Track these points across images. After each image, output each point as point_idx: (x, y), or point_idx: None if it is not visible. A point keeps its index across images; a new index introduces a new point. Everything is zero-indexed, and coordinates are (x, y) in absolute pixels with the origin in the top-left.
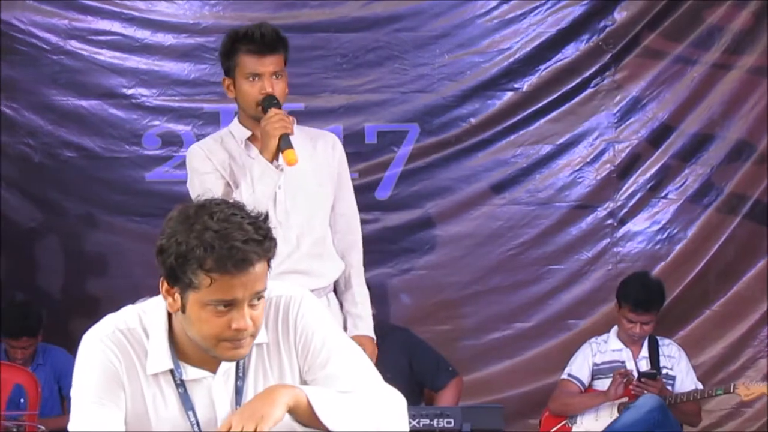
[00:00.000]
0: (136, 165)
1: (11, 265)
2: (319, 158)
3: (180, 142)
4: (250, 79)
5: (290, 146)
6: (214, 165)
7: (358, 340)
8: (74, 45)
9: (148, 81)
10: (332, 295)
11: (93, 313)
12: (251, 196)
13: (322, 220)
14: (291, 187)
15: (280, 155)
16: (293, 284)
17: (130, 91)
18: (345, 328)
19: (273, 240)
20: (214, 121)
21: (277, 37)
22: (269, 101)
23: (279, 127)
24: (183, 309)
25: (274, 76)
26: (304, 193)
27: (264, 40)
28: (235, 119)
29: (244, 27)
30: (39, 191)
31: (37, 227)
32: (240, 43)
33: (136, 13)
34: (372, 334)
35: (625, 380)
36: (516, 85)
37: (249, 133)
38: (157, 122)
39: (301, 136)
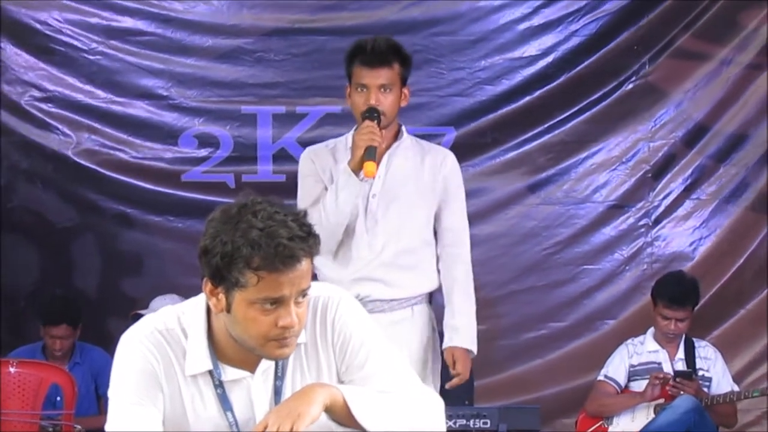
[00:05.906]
0: (173, 165)
1: (48, 264)
2: (425, 172)
3: (217, 144)
4: (359, 89)
5: (372, 159)
6: (316, 169)
7: (453, 351)
8: (111, 45)
9: (186, 82)
10: (420, 307)
11: (129, 312)
12: (334, 203)
13: (413, 232)
14: (387, 196)
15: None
16: (332, 287)
17: (167, 92)
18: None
19: (316, 237)
20: (251, 122)
21: (389, 51)
22: (370, 113)
23: (366, 138)
24: (228, 309)
25: (382, 89)
26: (399, 203)
27: (374, 52)
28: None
29: (365, 38)
30: (75, 190)
31: (73, 226)
32: (355, 54)
33: (173, 14)
34: (468, 345)
35: (661, 382)
36: (552, 87)
37: None
38: (194, 123)
39: (413, 148)
